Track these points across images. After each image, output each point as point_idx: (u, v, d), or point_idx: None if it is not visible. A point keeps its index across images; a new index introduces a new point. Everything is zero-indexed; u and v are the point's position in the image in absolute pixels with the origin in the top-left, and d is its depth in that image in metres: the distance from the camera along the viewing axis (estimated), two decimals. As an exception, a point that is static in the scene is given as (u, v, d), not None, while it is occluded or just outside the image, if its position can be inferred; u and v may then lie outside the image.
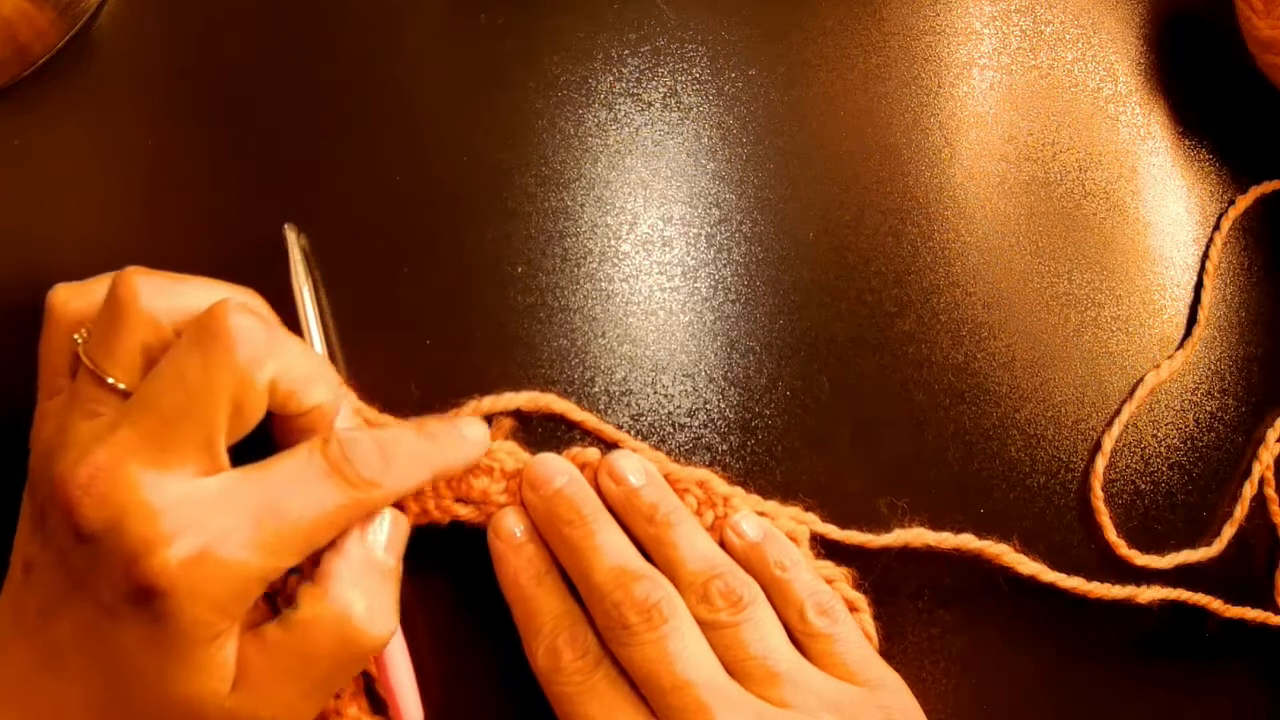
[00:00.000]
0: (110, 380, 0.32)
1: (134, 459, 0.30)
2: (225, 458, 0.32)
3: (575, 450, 0.39)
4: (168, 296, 0.32)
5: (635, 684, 0.36)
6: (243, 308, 0.31)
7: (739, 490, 0.40)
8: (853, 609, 0.40)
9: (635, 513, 0.38)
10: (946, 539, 0.41)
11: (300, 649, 0.32)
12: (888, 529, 0.41)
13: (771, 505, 0.40)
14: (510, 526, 0.38)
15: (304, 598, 0.33)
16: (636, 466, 0.39)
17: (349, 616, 0.32)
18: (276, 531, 0.31)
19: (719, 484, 0.40)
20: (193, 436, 0.31)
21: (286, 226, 0.38)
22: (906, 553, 0.41)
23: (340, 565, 0.33)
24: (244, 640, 0.32)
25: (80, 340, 0.33)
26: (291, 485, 0.32)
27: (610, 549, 0.37)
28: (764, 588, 0.38)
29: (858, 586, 0.40)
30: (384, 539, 0.34)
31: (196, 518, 0.30)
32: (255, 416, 0.32)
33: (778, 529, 0.39)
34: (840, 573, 0.40)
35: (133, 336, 0.32)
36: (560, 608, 0.37)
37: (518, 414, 0.40)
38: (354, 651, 0.33)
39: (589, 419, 0.40)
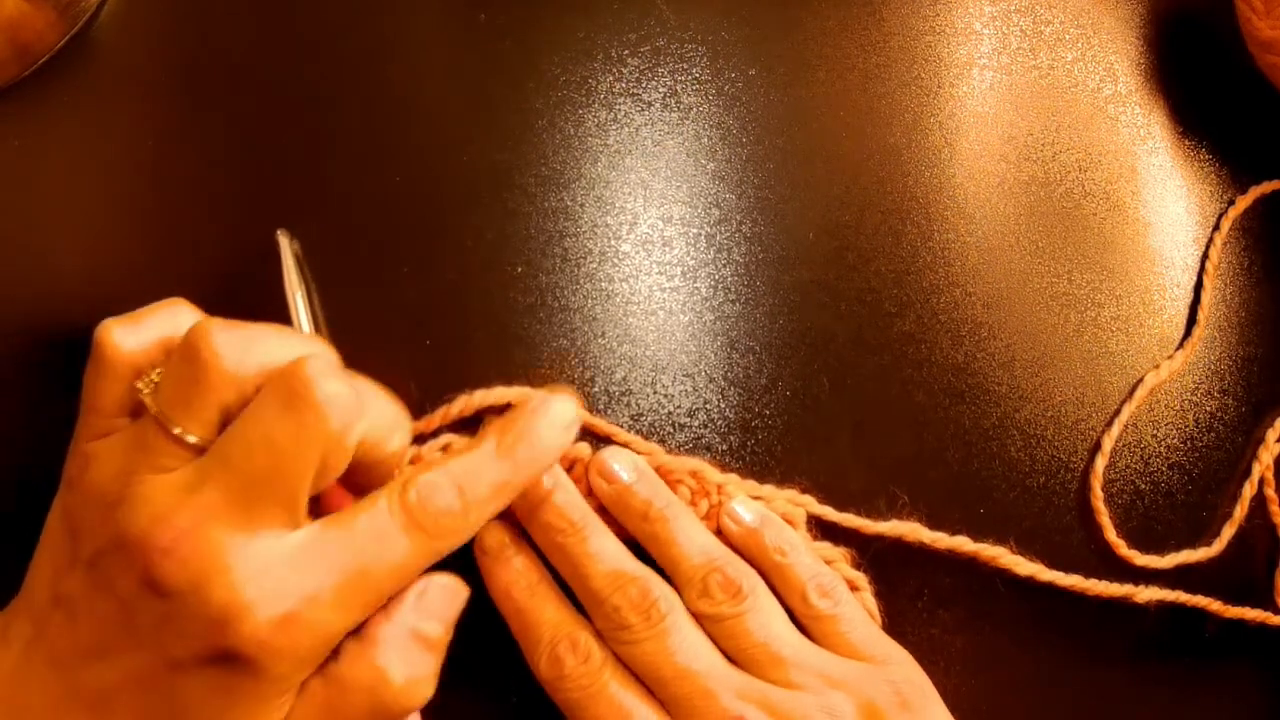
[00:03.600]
0: (180, 433, 0.31)
1: (218, 522, 0.30)
2: (305, 512, 0.31)
3: None
4: (248, 353, 0.31)
5: (641, 680, 0.36)
6: (329, 370, 0.31)
7: (733, 477, 0.40)
8: (854, 588, 0.40)
9: (629, 510, 0.38)
10: (941, 539, 0.41)
11: (335, 704, 0.32)
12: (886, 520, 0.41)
13: (767, 489, 0.40)
14: (496, 539, 0.38)
15: (347, 654, 0.32)
16: (627, 463, 0.38)
17: (387, 683, 0.32)
18: (361, 590, 0.31)
19: (711, 472, 0.40)
20: (279, 497, 0.30)
21: (279, 232, 0.38)
22: (906, 553, 0.41)
23: (388, 631, 0.33)
24: None
25: (146, 389, 0.32)
26: (373, 542, 0.31)
27: (604, 554, 0.37)
28: (764, 573, 0.38)
29: (856, 566, 0.40)
30: (437, 607, 0.34)
31: (282, 581, 0.30)
32: (338, 473, 0.32)
33: (774, 512, 0.39)
34: (839, 553, 0.40)
35: (214, 395, 0.31)
36: (557, 615, 0.37)
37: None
38: (386, 715, 0.33)
39: (582, 414, 0.40)
